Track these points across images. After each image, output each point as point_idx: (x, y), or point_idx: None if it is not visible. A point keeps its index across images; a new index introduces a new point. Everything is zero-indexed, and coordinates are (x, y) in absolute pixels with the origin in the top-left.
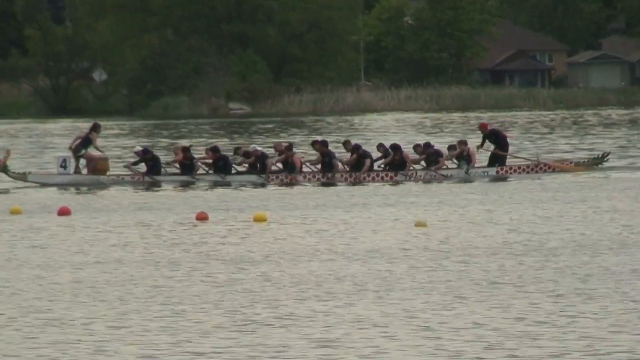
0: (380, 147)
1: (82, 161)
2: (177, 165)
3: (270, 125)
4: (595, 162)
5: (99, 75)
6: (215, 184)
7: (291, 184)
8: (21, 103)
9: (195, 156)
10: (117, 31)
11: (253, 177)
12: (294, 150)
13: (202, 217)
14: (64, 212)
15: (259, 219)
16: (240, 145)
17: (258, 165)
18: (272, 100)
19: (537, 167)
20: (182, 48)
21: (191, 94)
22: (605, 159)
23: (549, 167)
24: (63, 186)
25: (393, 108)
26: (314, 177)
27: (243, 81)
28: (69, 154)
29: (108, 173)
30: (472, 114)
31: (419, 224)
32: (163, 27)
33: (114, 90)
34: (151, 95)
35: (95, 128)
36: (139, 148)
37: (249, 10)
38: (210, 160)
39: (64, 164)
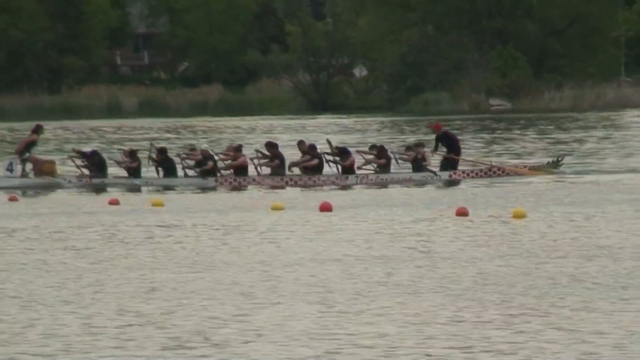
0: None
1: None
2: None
3: (524, 122)
4: (551, 166)
5: (359, 71)
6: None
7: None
8: (282, 99)
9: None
10: (377, 27)
11: (199, 180)
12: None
13: (462, 213)
14: (325, 208)
15: (518, 215)
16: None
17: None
18: (533, 96)
19: (490, 171)
20: (443, 44)
21: (451, 90)
22: (561, 162)
23: (503, 171)
24: (9, 189)
25: None
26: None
27: (503, 77)
28: (16, 157)
29: (55, 175)
30: None
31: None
32: (423, 23)
33: (374, 86)
34: (411, 91)
35: (37, 130)
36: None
37: (509, 5)
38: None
39: (10, 167)
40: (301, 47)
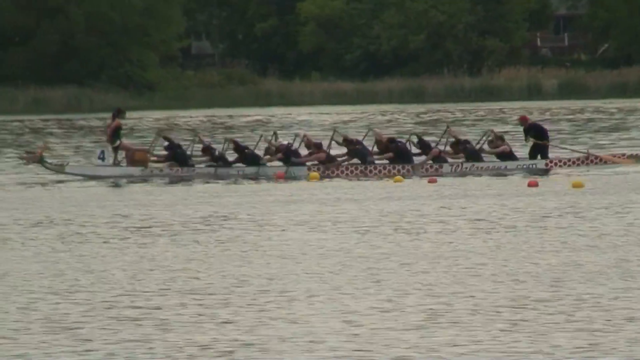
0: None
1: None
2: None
3: None
4: None
5: None
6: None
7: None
8: None
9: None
10: None
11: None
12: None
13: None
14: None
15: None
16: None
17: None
18: None
19: (588, 160)
20: None
21: None
22: None
23: (601, 160)
24: (102, 178)
25: None
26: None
27: None
28: (107, 145)
29: (148, 164)
30: None
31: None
32: None
33: None
34: None
35: (119, 113)
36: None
37: None
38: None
39: (102, 156)
40: None
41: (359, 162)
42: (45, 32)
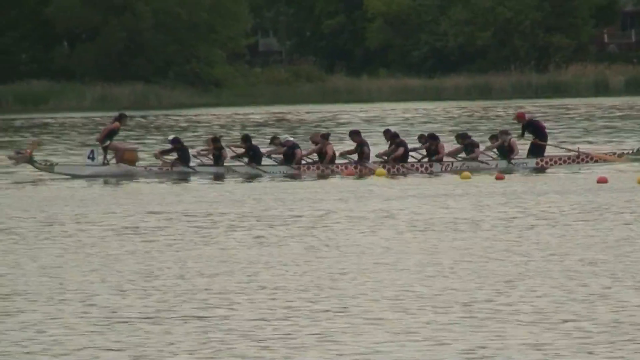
0: (421, 137)
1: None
2: (210, 156)
3: None
4: None
5: None
6: (248, 174)
7: (324, 174)
8: None
9: (224, 146)
10: None
11: (284, 168)
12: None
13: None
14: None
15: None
16: (276, 135)
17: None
18: None
19: (579, 158)
20: None
21: None
22: None
23: (591, 158)
24: (91, 178)
25: None
26: (346, 167)
27: None
28: (98, 145)
29: (137, 164)
30: None
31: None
32: None
33: None
34: None
35: (120, 118)
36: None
37: None
38: (242, 150)
39: (91, 156)
40: None
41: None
42: (112, 29)
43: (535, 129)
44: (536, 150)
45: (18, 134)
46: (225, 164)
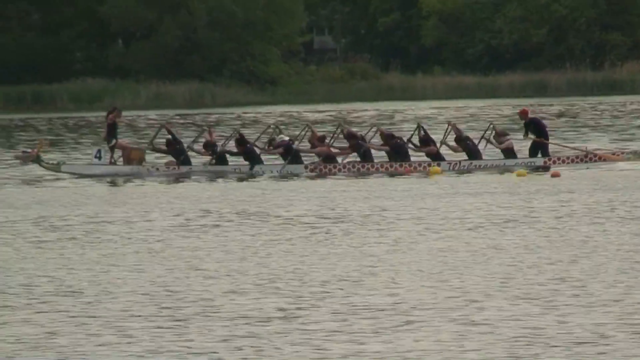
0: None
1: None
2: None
3: None
4: None
5: None
6: (247, 175)
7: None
8: None
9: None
10: None
11: (279, 167)
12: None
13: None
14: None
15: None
16: (273, 137)
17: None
18: None
19: (587, 158)
20: None
21: None
22: None
23: (599, 158)
24: (98, 177)
25: None
26: (352, 167)
27: None
28: (105, 144)
29: (144, 163)
30: None
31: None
32: None
33: None
34: None
35: (113, 111)
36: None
37: None
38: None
39: (98, 155)
40: None
41: (359, 158)
42: (167, 27)
43: (536, 128)
44: (539, 148)
45: (74, 132)
46: (229, 164)
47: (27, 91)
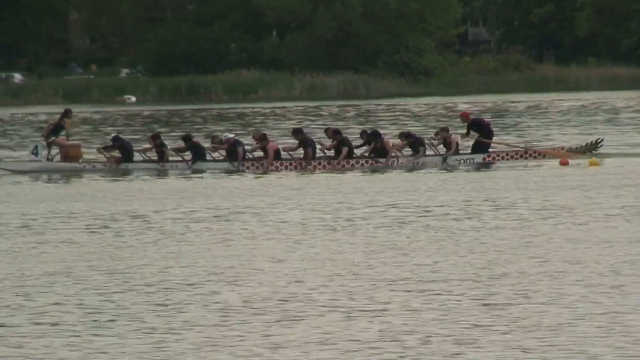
0: (362, 134)
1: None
2: (148, 154)
3: None
4: (589, 148)
5: None
6: (189, 172)
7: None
8: None
9: (167, 144)
10: None
11: (225, 165)
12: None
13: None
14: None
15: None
16: (217, 134)
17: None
18: None
19: (526, 154)
20: None
21: None
22: (599, 144)
23: (539, 154)
24: (34, 174)
25: None
26: (290, 164)
27: None
28: (42, 141)
29: (81, 160)
30: None
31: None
32: None
33: None
34: None
35: (66, 114)
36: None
37: None
38: (183, 147)
39: (35, 151)
40: None
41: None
42: (322, 18)
43: (480, 127)
44: (480, 147)
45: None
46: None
47: (182, 82)
